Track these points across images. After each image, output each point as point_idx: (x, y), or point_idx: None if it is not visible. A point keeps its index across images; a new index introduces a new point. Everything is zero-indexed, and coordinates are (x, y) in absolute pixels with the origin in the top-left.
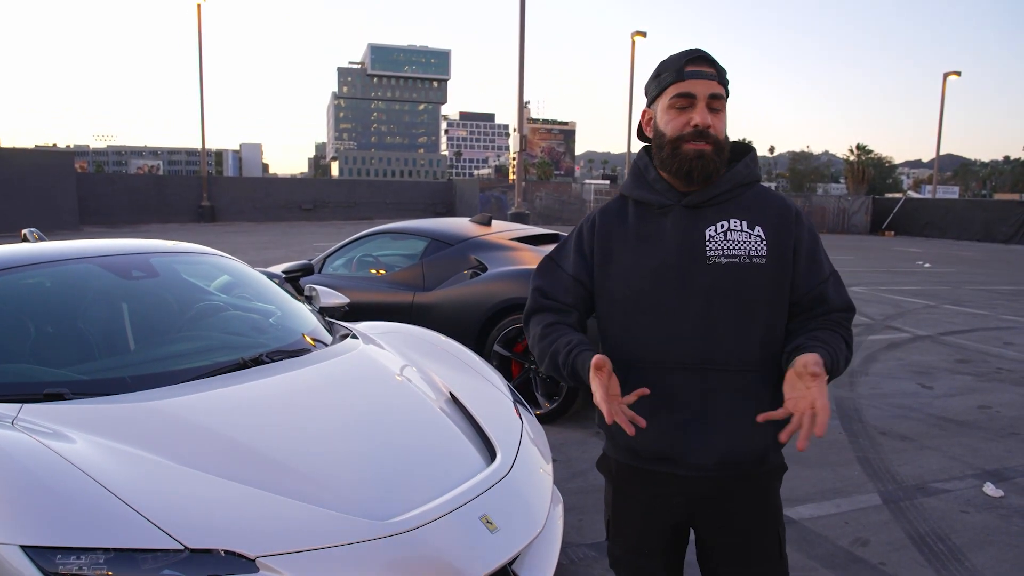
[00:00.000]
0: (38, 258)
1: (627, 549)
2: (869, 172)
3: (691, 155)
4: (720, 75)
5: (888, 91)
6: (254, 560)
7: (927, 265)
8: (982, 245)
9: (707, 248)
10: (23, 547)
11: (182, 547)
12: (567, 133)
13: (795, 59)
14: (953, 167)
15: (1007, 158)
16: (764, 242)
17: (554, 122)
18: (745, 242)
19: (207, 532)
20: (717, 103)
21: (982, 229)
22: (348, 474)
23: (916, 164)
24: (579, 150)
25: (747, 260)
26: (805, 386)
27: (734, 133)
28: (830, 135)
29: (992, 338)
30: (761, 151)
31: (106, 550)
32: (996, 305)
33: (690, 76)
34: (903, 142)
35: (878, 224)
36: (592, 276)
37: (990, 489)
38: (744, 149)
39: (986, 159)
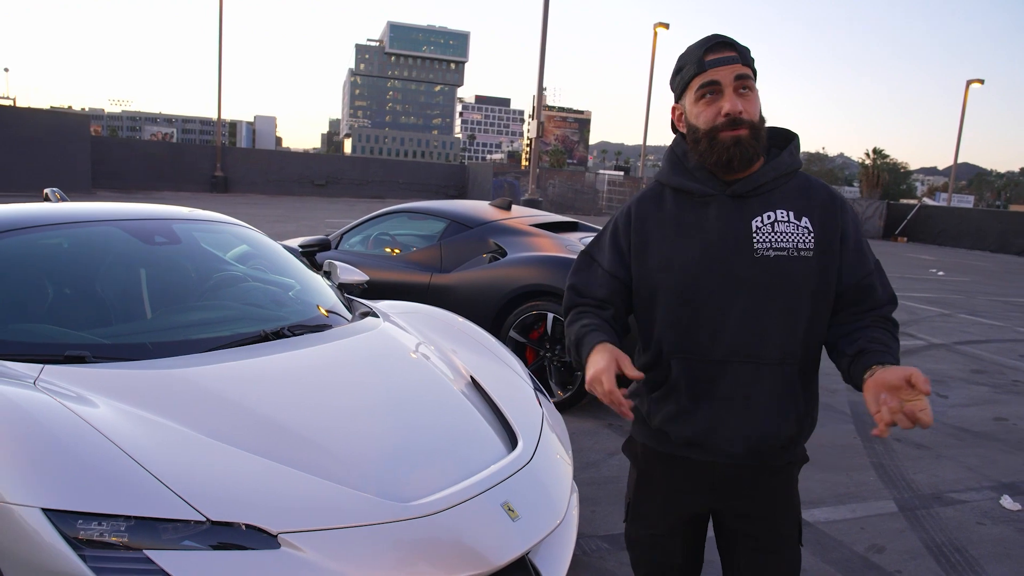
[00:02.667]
0: (61, 218)
1: (646, 532)
2: (884, 177)
3: (728, 143)
4: (743, 55)
5: (906, 96)
6: (276, 536)
7: (941, 273)
8: (996, 256)
9: (754, 240)
10: (44, 510)
11: (204, 519)
12: (582, 122)
13: (817, 58)
14: (968, 176)
15: (1023, 170)
16: (811, 234)
17: (569, 110)
18: (793, 234)
19: (229, 505)
20: (746, 84)
21: (997, 240)
22: (371, 453)
23: (931, 171)
24: (593, 140)
25: (795, 253)
26: (913, 397)
27: None
28: (846, 137)
29: (1008, 350)
30: None
31: (127, 517)
32: (1012, 317)
33: (712, 65)
34: (919, 148)
35: (891, 229)
36: (628, 270)
37: (1007, 502)
38: (787, 136)
39: (1002, 170)
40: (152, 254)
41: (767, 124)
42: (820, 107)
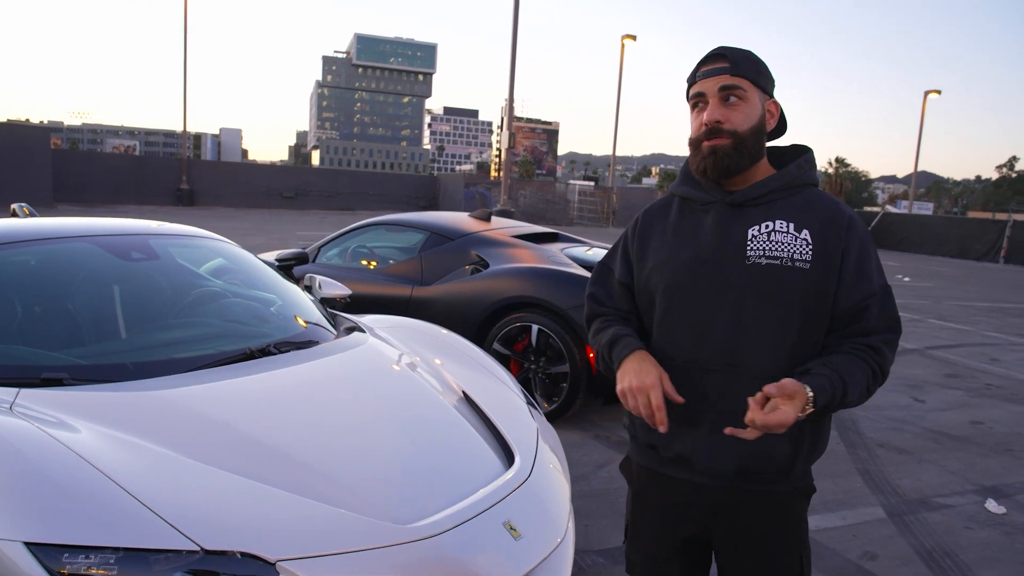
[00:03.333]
0: (34, 234)
1: (644, 555)
2: (847, 185)
3: (705, 152)
4: (736, 65)
5: (867, 106)
6: (274, 564)
7: (906, 279)
8: (957, 262)
9: (748, 247)
10: (27, 544)
11: (197, 548)
12: (550, 133)
13: (778, 67)
14: (927, 184)
15: (979, 177)
16: (810, 246)
17: (538, 121)
18: (790, 244)
19: (223, 532)
20: (732, 94)
21: (957, 246)
22: (367, 474)
23: (891, 179)
24: (561, 150)
25: (789, 263)
26: (774, 407)
27: None
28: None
29: (978, 353)
30: None
31: (115, 549)
32: (978, 321)
33: (701, 76)
34: (879, 157)
35: None
36: (634, 276)
37: (992, 506)
38: (799, 150)
39: (958, 177)
40: (130, 271)
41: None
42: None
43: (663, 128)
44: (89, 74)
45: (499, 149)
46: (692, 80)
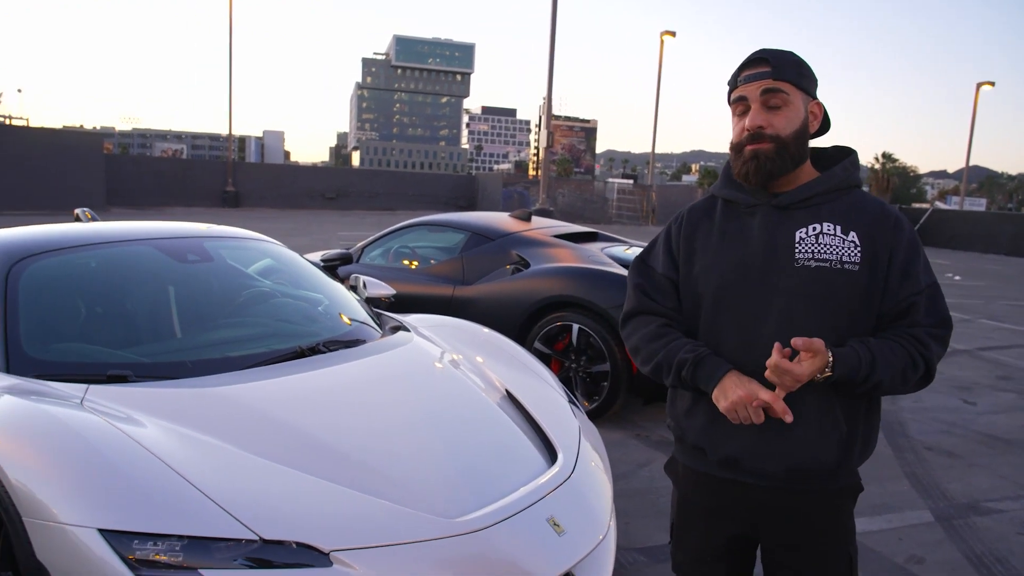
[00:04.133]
0: (96, 238)
1: (690, 555)
2: (894, 181)
3: (747, 156)
4: (779, 70)
5: (915, 100)
6: (327, 554)
7: (957, 278)
8: (1010, 259)
9: (796, 250)
10: (101, 530)
11: (256, 537)
12: (588, 131)
13: (823, 63)
14: (979, 179)
15: None
16: (858, 248)
17: (576, 119)
18: (838, 247)
19: (280, 523)
20: (775, 99)
21: (1009, 243)
22: (416, 471)
23: (941, 175)
24: (599, 148)
25: (838, 265)
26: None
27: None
28: (854, 142)
29: None
30: None
31: (180, 537)
32: None
33: (743, 81)
34: (928, 152)
35: None
36: (679, 272)
37: None
38: (844, 152)
39: (1013, 172)
40: (185, 272)
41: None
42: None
43: (703, 125)
44: (139, 80)
45: (537, 148)
46: (734, 84)
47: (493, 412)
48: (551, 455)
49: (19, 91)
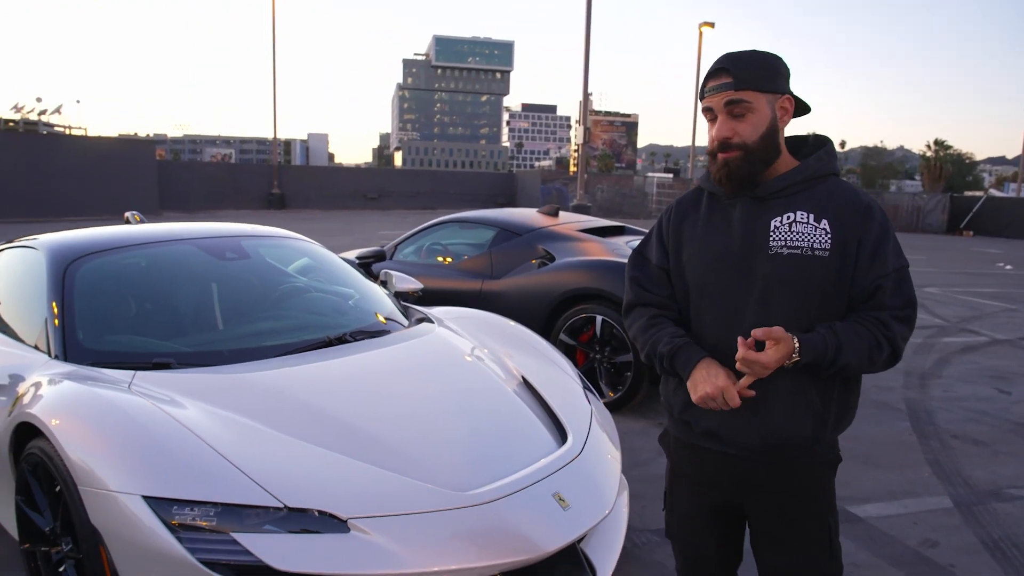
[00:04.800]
0: (143, 239)
1: (680, 521)
2: (947, 169)
3: (719, 165)
4: (739, 79)
5: (971, 84)
6: (346, 521)
7: (1008, 267)
8: None
9: (770, 238)
10: (144, 497)
11: (282, 505)
12: (629, 125)
13: (872, 49)
14: None
15: None
16: (829, 235)
17: (616, 114)
18: (810, 234)
19: (304, 493)
20: (738, 108)
21: None
22: (430, 448)
23: (1000, 161)
24: (641, 143)
25: (809, 252)
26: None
27: (803, 128)
28: (906, 130)
29: None
30: None
31: (215, 504)
32: None
33: (708, 92)
34: (986, 138)
35: (955, 223)
36: (671, 263)
37: None
38: (820, 142)
39: None
40: (224, 269)
41: (798, 129)
42: (878, 99)
43: None
44: (190, 88)
45: (577, 144)
46: (702, 95)
47: (507, 396)
48: (562, 437)
49: (78, 102)
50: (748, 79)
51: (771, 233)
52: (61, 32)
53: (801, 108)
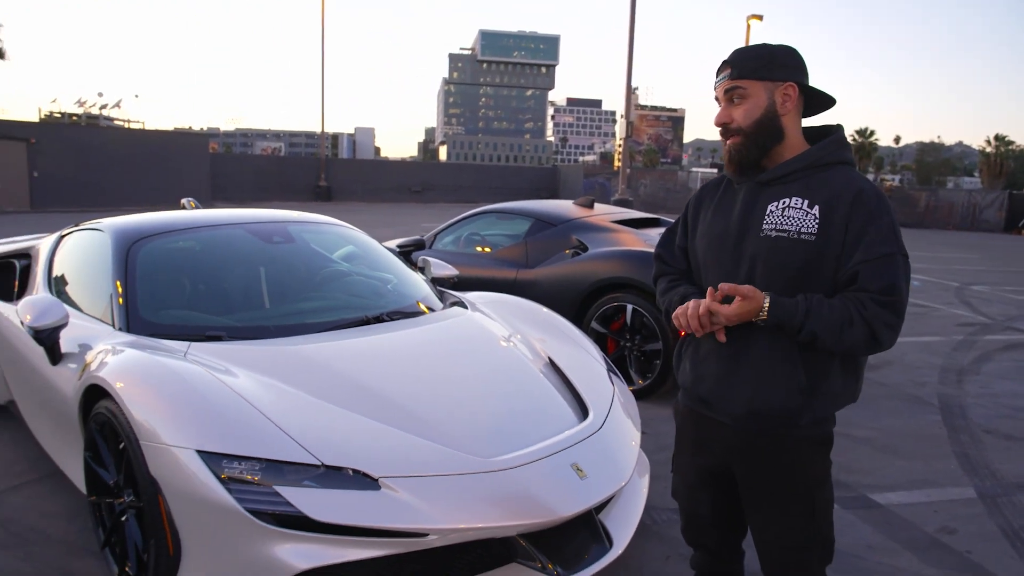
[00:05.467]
0: (197, 223)
1: (681, 482)
2: (1008, 165)
3: (726, 150)
4: (739, 68)
5: None
6: (377, 480)
7: None
8: None
9: (764, 222)
10: (198, 451)
11: (320, 464)
12: (675, 120)
13: (927, 42)
14: None
15: None
16: (817, 220)
17: (662, 108)
18: (800, 219)
19: (340, 454)
20: (735, 94)
21: None
22: (457, 418)
23: None
24: (688, 137)
25: (795, 235)
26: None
27: (854, 123)
28: (966, 125)
29: None
30: (885, 141)
31: (260, 460)
32: None
33: (716, 84)
34: None
35: (1014, 222)
36: (688, 241)
37: None
38: (827, 131)
39: None
40: (271, 252)
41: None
42: (935, 93)
43: None
44: (241, 82)
45: (621, 139)
46: (715, 87)
47: (533, 374)
48: (584, 414)
49: (136, 97)
50: (745, 67)
51: (766, 217)
52: (122, 28)
53: (824, 102)
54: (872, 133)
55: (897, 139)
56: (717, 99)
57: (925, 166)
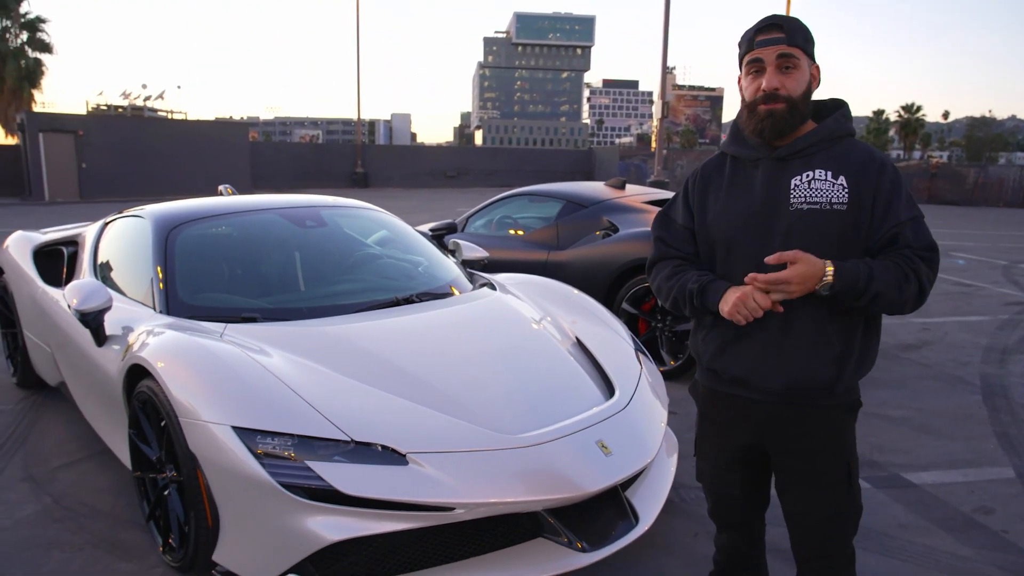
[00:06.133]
0: (233, 208)
1: (710, 463)
2: None
3: (762, 115)
4: (791, 36)
5: None
6: (404, 455)
7: None
8: None
9: (791, 196)
10: (234, 427)
11: (349, 440)
12: (714, 100)
13: (978, 11)
14: None
15: None
16: (846, 190)
17: (700, 88)
18: (828, 190)
19: (369, 430)
20: (788, 62)
21: None
22: (484, 396)
23: None
24: (727, 117)
25: (828, 207)
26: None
27: (899, 99)
28: (1019, 97)
29: None
30: (933, 117)
31: (292, 436)
32: None
33: (759, 45)
34: None
35: None
36: (695, 223)
37: None
38: (835, 105)
39: None
40: (304, 236)
41: (817, 94)
42: (986, 65)
43: (830, 89)
44: (280, 71)
45: (658, 120)
46: (748, 47)
47: (560, 353)
48: (610, 392)
49: (178, 88)
50: (797, 37)
51: (792, 191)
52: (164, 21)
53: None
54: (919, 109)
55: (946, 114)
56: (756, 61)
57: (975, 142)
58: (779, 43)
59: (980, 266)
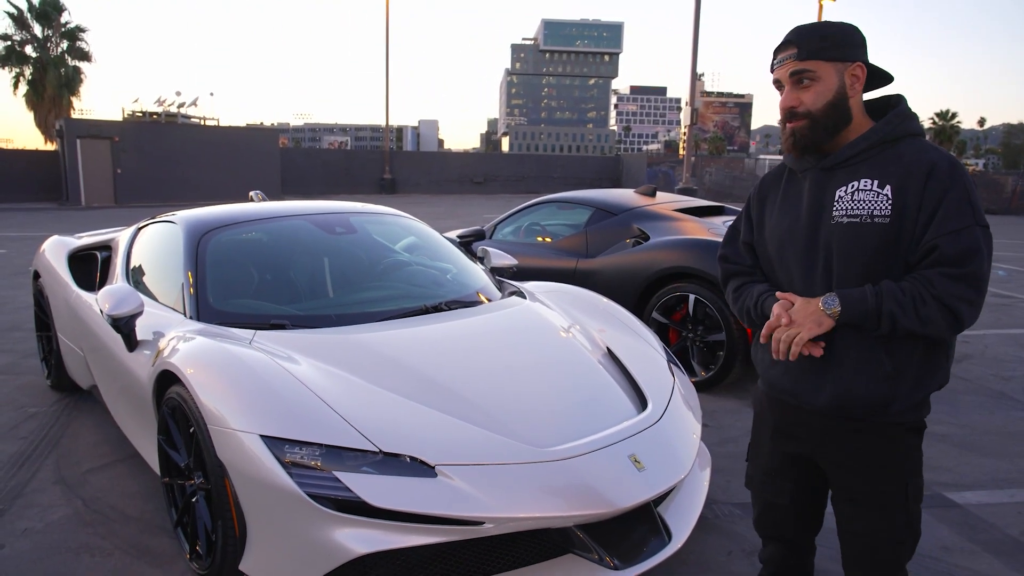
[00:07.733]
0: (263, 215)
1: (760, 469)
2: None
3: (787, 134)
4: (803, 49)
5: None
6: (433, 467)
7: None
8: None
9: (834, 208)
10: (262, 436)
11: (378, 450)
12: (743, 106)
13: (1015, 16)
14: None
15: None
16: (890, 201)
17: (729, 95)
18: (871, 202)
19: (397, 441)
20: (803, 76)
21: None
22: (514, 407)
23: None
24: (755, 124)
25: (868, 219)
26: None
27: (934, 105)
28: None
29: None
30: (968, 123)
31: (321, 445)
32: None
33: (776, 65)
34: None
35: None
36: (755, 236)
37: None
38: (888, 102)
39: None
40: (334, 242)
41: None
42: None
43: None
44: (309, 78)
45: (685, 127)
46: (771, 68)
47: (591, 364)
48: (643, 405)
49: (211, 95)
50: (812, 49)
51: (835, 203)
52: (198, 29)
53: (881, 77)
54: (954, 116)
55: (982, 121)
56: (778, 81)
57: (1013, 149)
58: (791, 59)
59: (1022, 277)
